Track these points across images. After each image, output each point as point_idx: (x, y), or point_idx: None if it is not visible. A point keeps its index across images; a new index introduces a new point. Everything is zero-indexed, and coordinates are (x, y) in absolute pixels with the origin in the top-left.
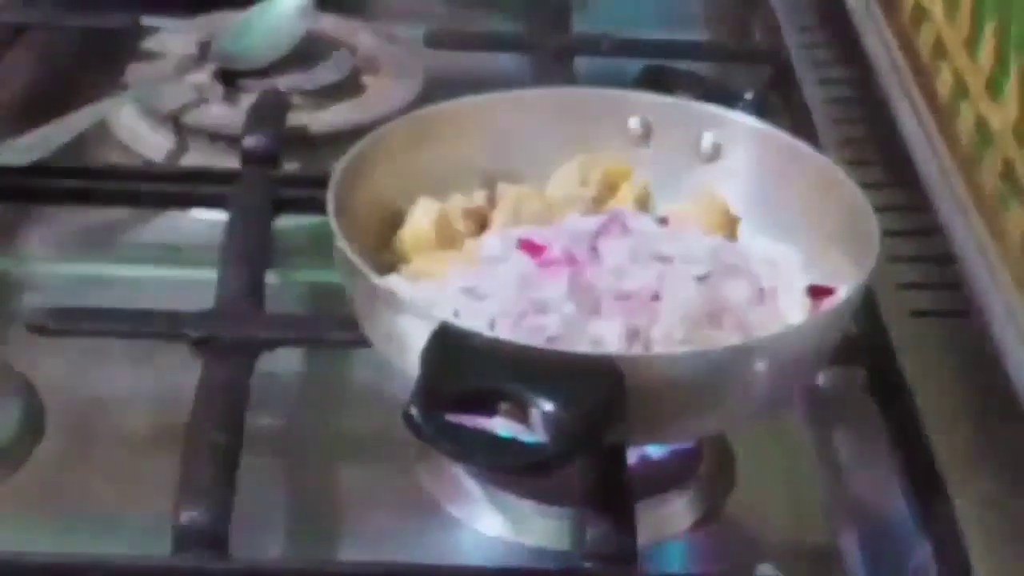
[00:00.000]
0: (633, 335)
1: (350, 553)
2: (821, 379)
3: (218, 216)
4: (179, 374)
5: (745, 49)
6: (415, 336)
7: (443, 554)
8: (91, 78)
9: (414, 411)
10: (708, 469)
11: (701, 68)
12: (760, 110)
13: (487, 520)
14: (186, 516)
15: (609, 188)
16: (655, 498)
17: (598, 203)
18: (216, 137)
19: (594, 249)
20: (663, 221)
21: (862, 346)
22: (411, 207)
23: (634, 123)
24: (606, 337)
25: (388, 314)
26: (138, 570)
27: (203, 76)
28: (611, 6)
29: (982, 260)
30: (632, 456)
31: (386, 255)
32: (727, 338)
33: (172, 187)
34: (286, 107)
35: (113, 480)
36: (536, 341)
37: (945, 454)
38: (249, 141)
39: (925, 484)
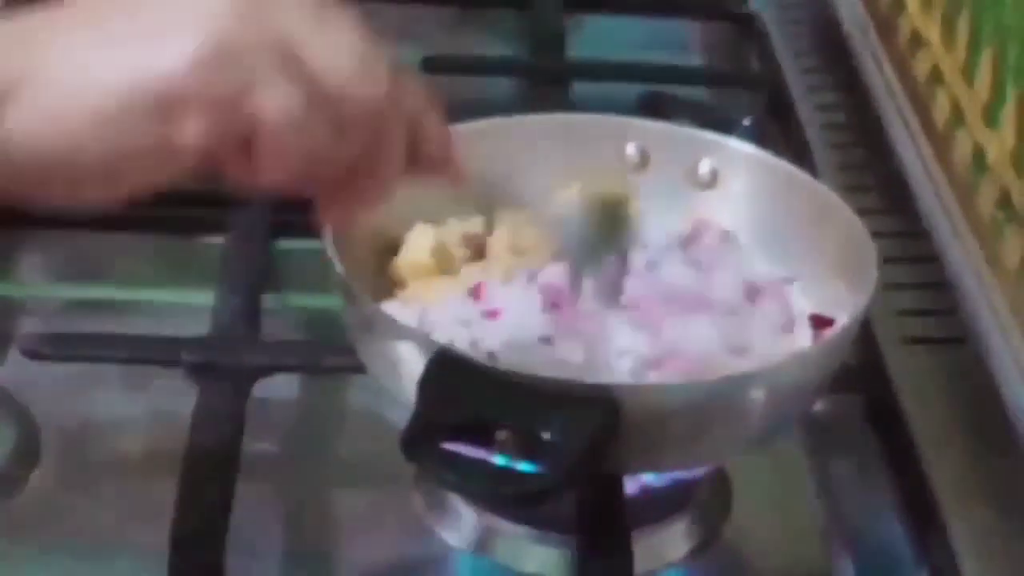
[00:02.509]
0: (648, 366)
1: None
2: (818, 406)
3: (215, 241)
4: (175, 399)
5: (742, 75)
6: (412, 362)
7: None
8: None
9: (411, 439)
10: (704, 496)
11: (693, 93)
12: (758, 137)
13: (483, 548)
14: (182, 542)
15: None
16: (652, 526)
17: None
18: None
19: (613, 284)
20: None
21: (859, 373)
22: (408, 233)
23: (631, 149)
24: (617, 368)
25: (385, 340)
26: None
27: None
28: (606, 31)
29: (978, 287)
30: (629, 484)
31: (383, 280)
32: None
33: (169, 211)
34: None
35: (108, 506)
36: (536, 370)
37: (941, 481)
38: None
39: (921, 511)
